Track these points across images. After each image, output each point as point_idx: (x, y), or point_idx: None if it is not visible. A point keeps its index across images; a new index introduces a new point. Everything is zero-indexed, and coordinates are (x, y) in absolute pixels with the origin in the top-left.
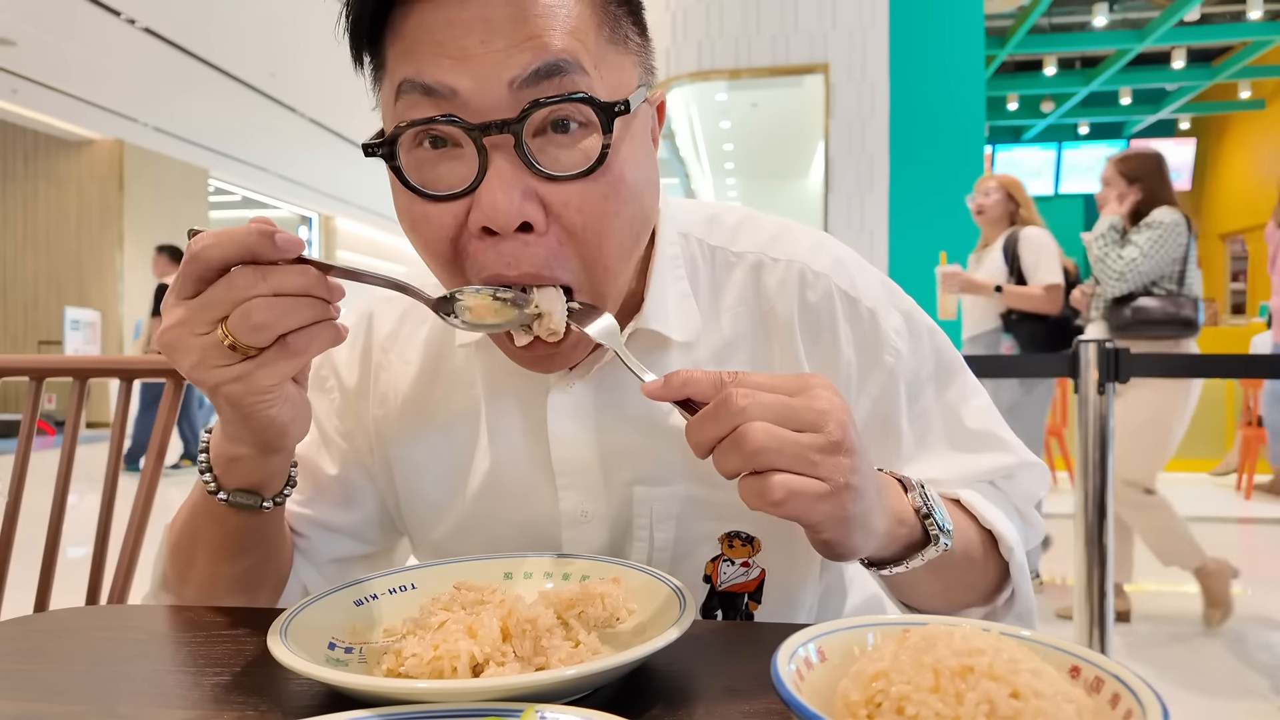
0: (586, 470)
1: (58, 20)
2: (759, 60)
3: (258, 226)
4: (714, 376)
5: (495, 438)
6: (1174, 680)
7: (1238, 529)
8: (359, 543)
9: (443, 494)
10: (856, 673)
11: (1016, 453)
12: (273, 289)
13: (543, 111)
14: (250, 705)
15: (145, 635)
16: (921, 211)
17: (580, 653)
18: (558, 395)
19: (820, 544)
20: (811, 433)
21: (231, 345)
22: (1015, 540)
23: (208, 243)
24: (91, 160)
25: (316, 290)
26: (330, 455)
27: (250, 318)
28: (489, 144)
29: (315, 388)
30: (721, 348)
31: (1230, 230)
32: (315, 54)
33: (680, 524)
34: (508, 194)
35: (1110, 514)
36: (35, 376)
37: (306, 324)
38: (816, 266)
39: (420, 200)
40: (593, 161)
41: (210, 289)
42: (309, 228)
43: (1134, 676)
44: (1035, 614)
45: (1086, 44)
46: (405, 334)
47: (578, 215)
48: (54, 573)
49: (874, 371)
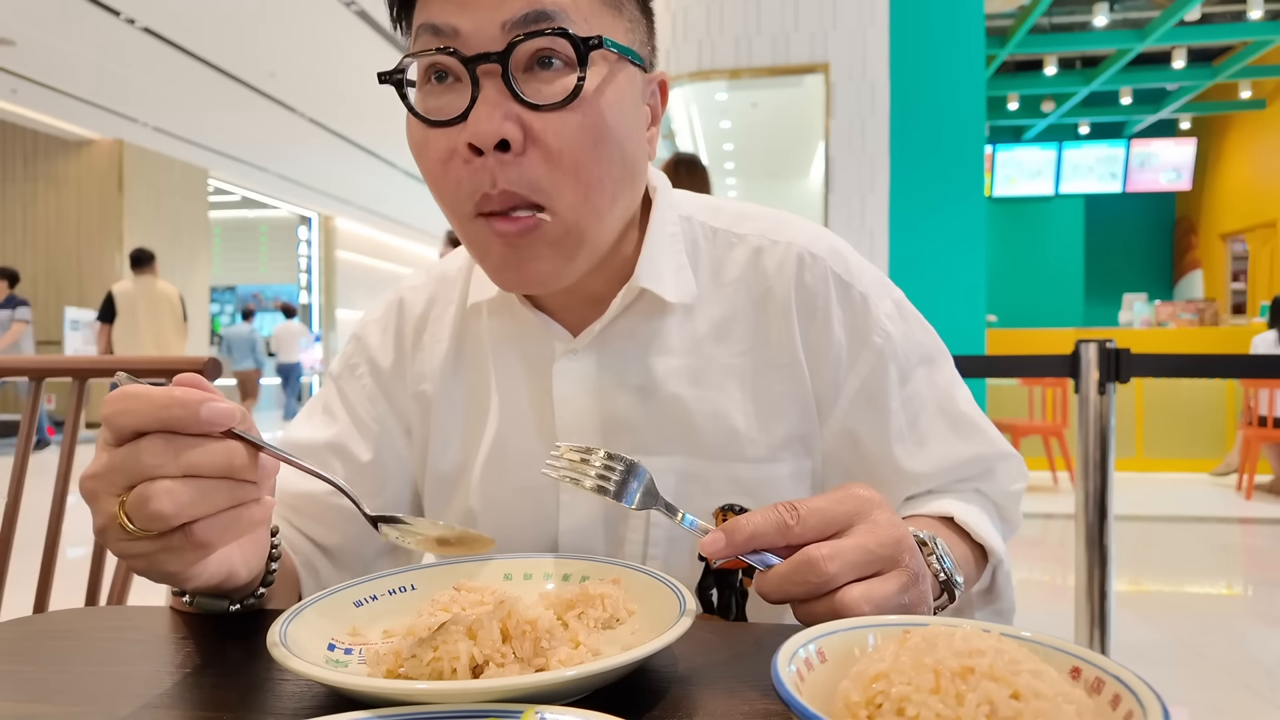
0: (587, 436)
1: (57, 20)
2: (759, 60)
3: (183, 395)
4: (775, 520)
5: (504, 406)
6: (1174, 680)
7: (1238, 529)
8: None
9: (455, 465)
10: (857, 673)
11: (996, 444)
12: (185, 469)
13: (527, 45)
14: (250, 706)
15: (145, 636)
16: (922, 211)
17: (580, 654)
18: (564, 363)
19: None
20: (892, 571)
21: (129, 521)
22: (1004, 551)
23: (118, 406)
24: (91, 160)
25: (240, 472)
26: (365, 440)
27: (147, 505)
28: (480, 73)
29: (347, 375)
30: (720, 320)
31: (1231, 230)
32: (315, 54)
33: (676, 499)
34: (490, 115)
35: (1111, 514)
36: (35, 377)
37: (219, 511)
38: (815, 250)
39: (424, 127)
40: (567, 95)
41: (117, 453)
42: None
43: (1135, 677)
44: (1014, 614)
45: (1087, 44)
46: (435, 316)
47: (555, 140)
48: (53, 573)
49: (864, 352)
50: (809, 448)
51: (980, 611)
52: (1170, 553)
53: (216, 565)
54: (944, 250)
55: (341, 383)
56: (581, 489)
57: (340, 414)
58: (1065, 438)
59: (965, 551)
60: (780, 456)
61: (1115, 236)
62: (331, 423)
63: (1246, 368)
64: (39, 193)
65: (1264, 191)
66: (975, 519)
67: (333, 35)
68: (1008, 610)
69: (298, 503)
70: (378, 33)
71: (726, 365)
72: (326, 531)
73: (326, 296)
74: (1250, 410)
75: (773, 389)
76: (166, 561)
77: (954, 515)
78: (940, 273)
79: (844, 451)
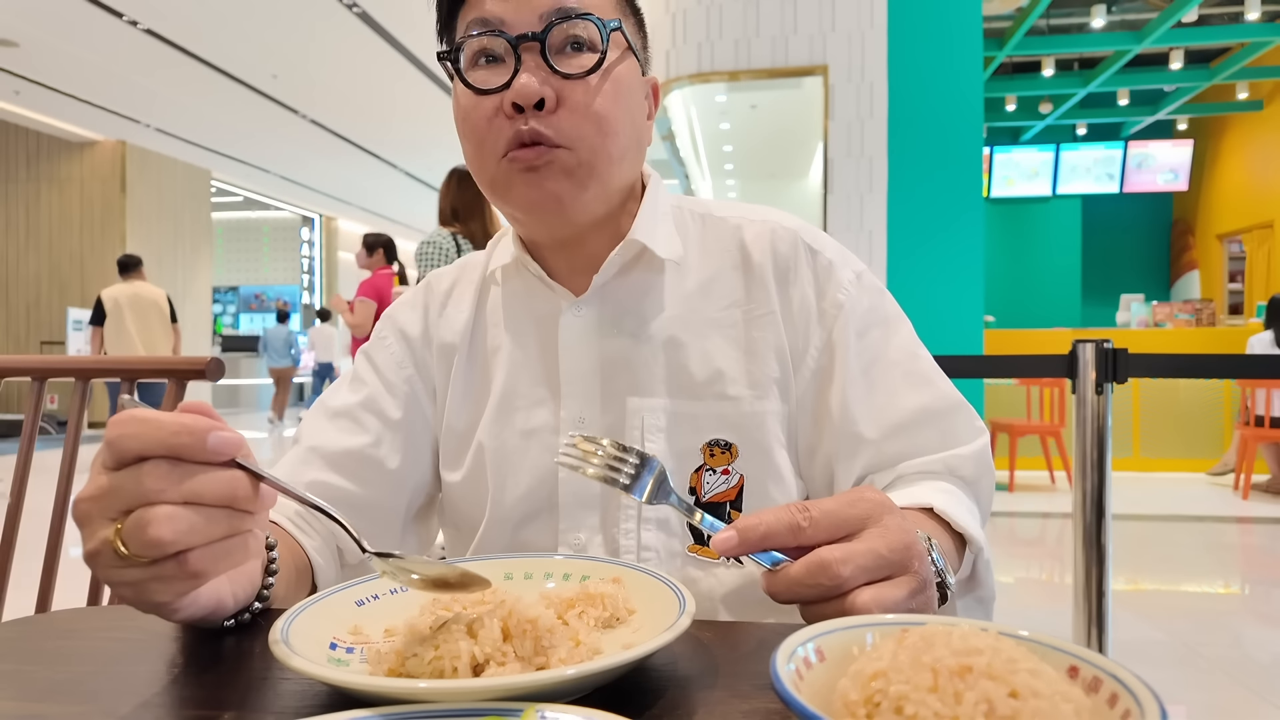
0: (587, 378)
1: (60, 22)
2: (758, 62)
3: (191, 422)
4: (788, 521)
5: (513, 358)
6: (1171, 679)
7: (1235, 529)
8: (407, 492)
9: (469, 419)
10: (855, 672)
11: (948, 398)
12: (187, 496)
13: (560, 27)
14: (251, 705)
15: (147, 636)
16: (920, 212)
17: (580, 652)
18: (569, 316)
19: None
20: (902, 576)
21: (123, 546)
22: (984, 540)
23: (125, 430)
24: (94, 161)
25: (241, 503)
26: (394, 399)
27: (145, 530)
28: (522, 50)
29: (376, 346)
30: (707, 280)
31: (1228, 231)
32: (317, 56)
33: (669, 438)
34: (531, 80)
35: (1109, 514)
36: (38, 377)
37: (215, 540)
38: (787, 225)
39: (472, 95)
40: (593, 65)
41: (118, 476)
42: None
43: (1132, 676)
44: (994, 603)
45: (1084, 45)
46: (458, 290)
47: (582, 99)
48: (56, 573)
49: (828, 308)
50: (785, 393)
51: (961, 600)
52: (1167, 552)
53: (206, 597)
54: (942, 251)
55: (370, 353)
56: (593, 477)
57: (370, 379)
58: (1063, 438)
59: (949, 544)
60: (761, 397)
61: (1112, 237)
62: (362, 387)
63: (1243, 368)
64: (42, 193)
65: (1261, 192)
66: (954, 508)
67: (335, 37)
68: (988, 598)
69: (337, 459)
70: (379, 35)
71: (712, 318)
72: (359, 487)
73: (328, 297)
74: (1247, 410)
75: (753, 336)
76: (157, 591)
77: (933, 506)
78: (938, 273)
79: (810, 399)
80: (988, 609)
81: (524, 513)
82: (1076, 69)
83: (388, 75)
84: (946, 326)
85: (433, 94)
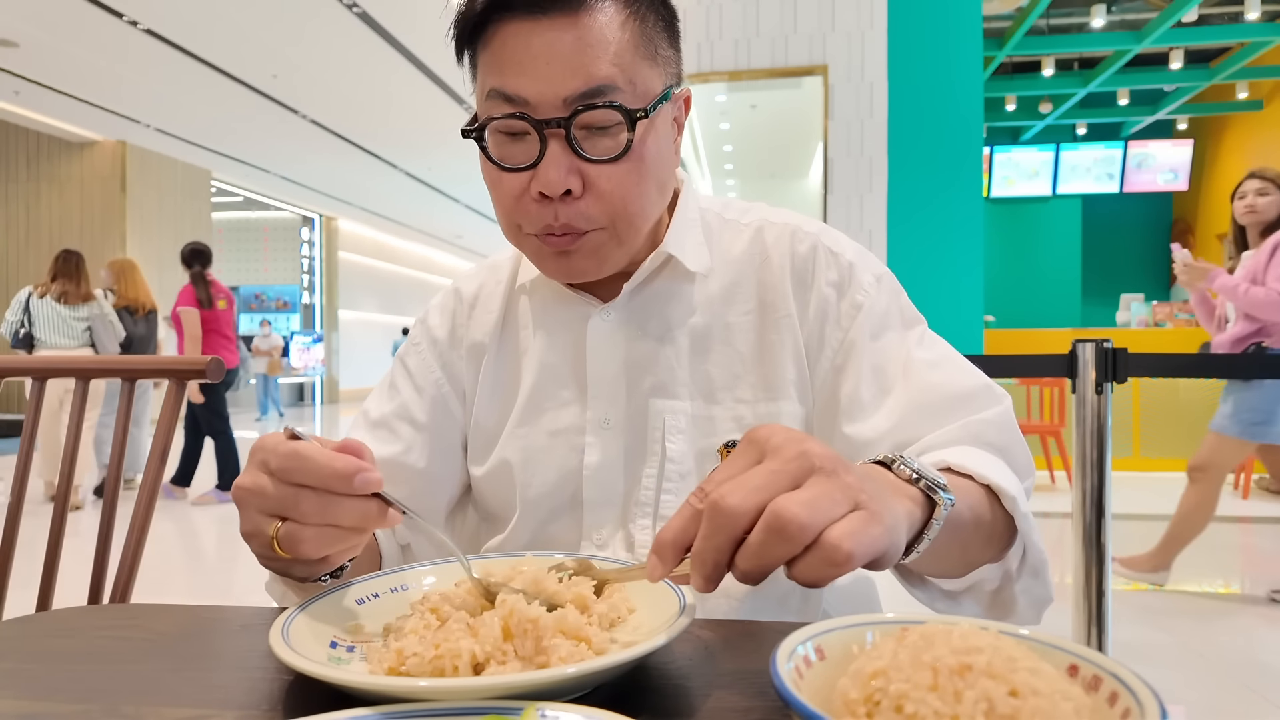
0: (613, 380)
1: (60, 22)
2: (758, 62)
3: (343, 467)
4: (685, 510)
5: (541, 361)
6: (1171, 678)
7: (1235, 528)
8: (441, 490)
9: (496, 417)
10: (855, 671)
11: (972, 378)
12: (329, 520)
13: (585, 115)
14: (252, 704)
15: (148, 634)
16: (920, 212)
17: (581, 651)
18: (596, 320)
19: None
20: (813, 476)
21: (278, 546)
22: (1016, 489)
23: (291, 465)
24: (94, 161)
25: (371, 525)
26: (423, 402)
27: (297, 546)
28: (548, 134)
29: (410, 351)
30: (729, 286)
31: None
32: (317, 56)
33: (690, 439)
34: (558, 171)
35: (1108, 513)
36: (38, 377)
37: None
38: (807, 229)
39: (498, 170)
40: (620, 151)
41: (280, 488)
42: (311, 228)
43: (1132, 675)
44: (1049, 568)
45: (1084, 45)
46: (486, 294)
47: (607, 184)
48: (56, 573)
49: (846, 307)
50: (802, 394)
51: (1019, 582)
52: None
53: (325, 566)
54: (942, 251)
55: (405, 358)
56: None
57: (403, 386)
58: (1063, 437)
59: (972, 491)
60: (778, 398)
61: (1112, 237)
62: (395, 395)
63: (1243, 368)
64: (42, 193)
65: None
66: (974, 462)
67: (335, 37)
68: (1041, 567)
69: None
70: (379, 35)
71: (733, 323)
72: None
73: (329, 297)
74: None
75: (770, 339)
76: (293, 569)
77: (949, 463)
78: (938, 273)
79: (826, 397)
80: (1043, 578)
81: (550, 509)
82: (1076, 69)
83: (388, 75)
84: (946, 326)
85: (433, 94)
